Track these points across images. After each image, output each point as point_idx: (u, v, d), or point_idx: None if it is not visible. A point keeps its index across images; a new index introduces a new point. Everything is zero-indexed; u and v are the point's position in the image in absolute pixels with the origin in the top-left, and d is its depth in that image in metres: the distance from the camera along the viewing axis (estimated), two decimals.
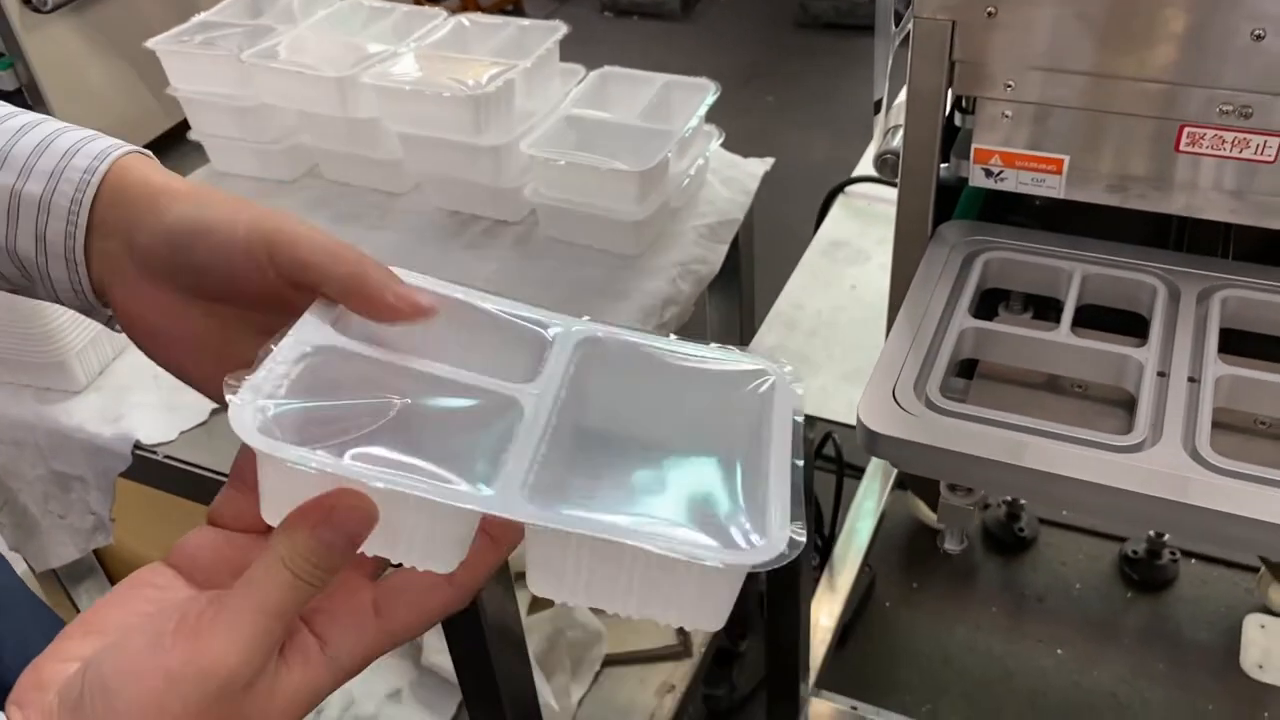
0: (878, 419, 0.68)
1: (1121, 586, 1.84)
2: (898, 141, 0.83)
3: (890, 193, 0.95)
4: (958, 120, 0.81)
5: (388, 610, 0.44)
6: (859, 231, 1.28)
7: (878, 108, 1.07)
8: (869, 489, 1.85)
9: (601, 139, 1.20)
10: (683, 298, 1.18)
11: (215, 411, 1.02)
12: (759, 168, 1.36)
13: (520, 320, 0.51)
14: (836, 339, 1.12)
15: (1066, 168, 0.77)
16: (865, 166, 1.32)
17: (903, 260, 0.86)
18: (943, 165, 0.82)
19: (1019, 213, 0.88)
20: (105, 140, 0.52)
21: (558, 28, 1.30)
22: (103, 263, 0.51)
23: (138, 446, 1.01)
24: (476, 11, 1.45)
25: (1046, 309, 0.83)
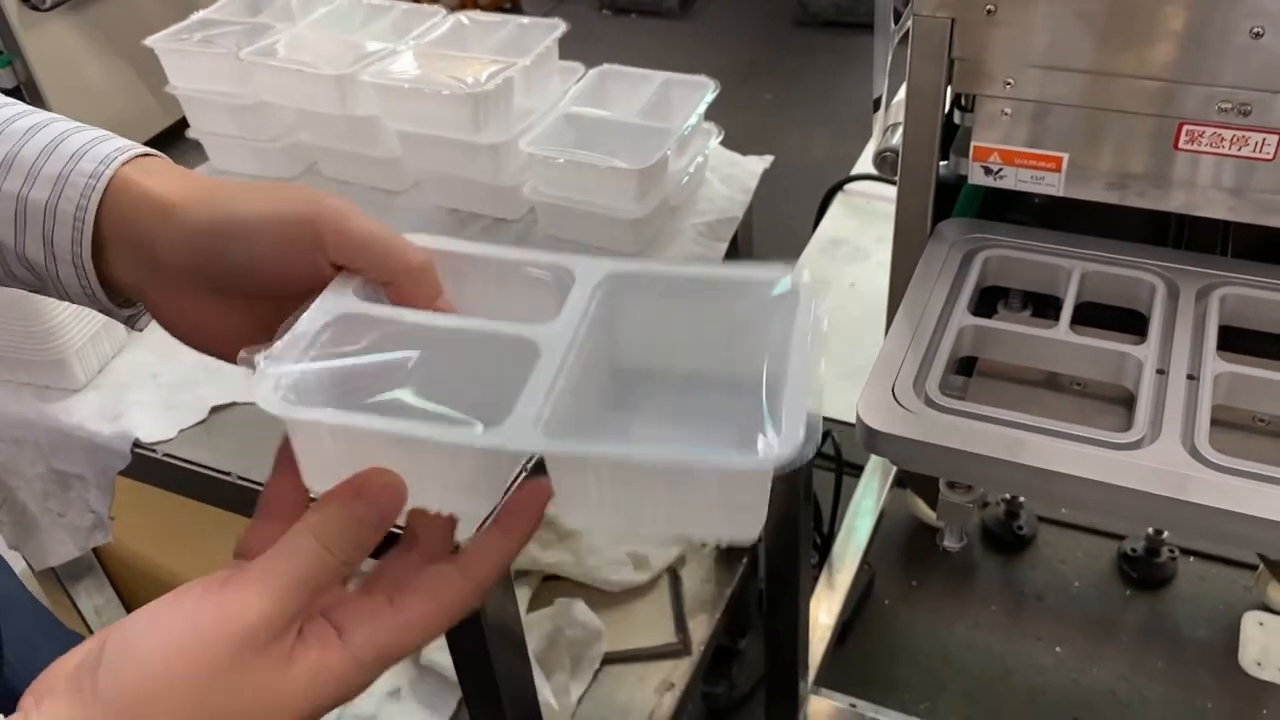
0: (877, 417, 0.68)
1: (1120, 584, 1.84)
2: (897, 139, 0.83)
3: (889, 190, 0.95)
4: (957, 118, 0.81)
5: (400, 600, 0.44)
6: (858, 229, 1.29)
7: (877, 105, 1.07)
8: (868, 487, 1.85)
9: (600, 137, 1.20)
10: None
11: (215, 410, 1.02)
12: (758, 166, 1.36)
13: (544, 267, 0.51)
14: (835, 337, 1.12)
15: (1065, 165, 0.77)
16: (864, 164, 1.32)
17: (902, 258, 0.86)
18: (942, 163, 0.82)
19: (1018, 210, 0.88)
20: (113, 142, 0.51)
21: (557, 25, 1.30)
22: (126, 272, 0.51)
23: (137, 445, 1.01)
24: (475, 9, 1.45)
25: (1045, 306, 0.83)
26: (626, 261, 0.51)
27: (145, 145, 0.53)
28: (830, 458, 1.75)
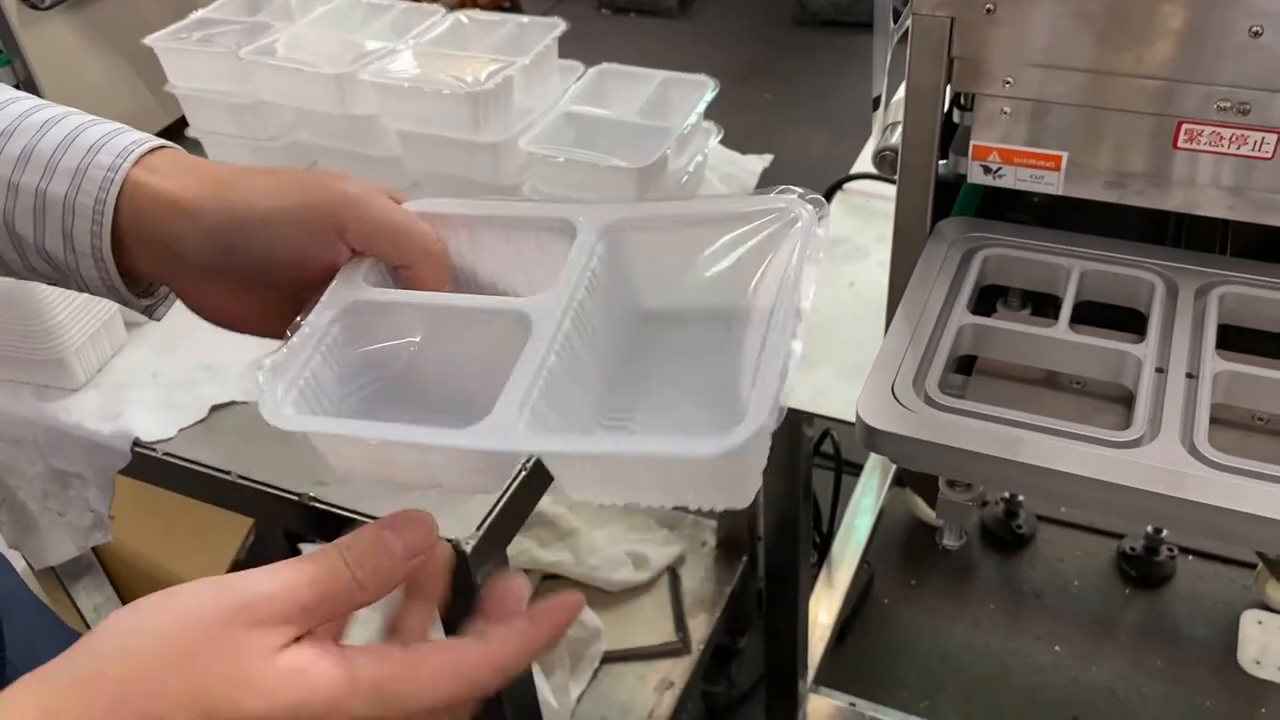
0: (876, 415, 0.68)
1: (1119, 583, 1.84)
2: (896, 138, 0.83)
3: (888, 189, 0.95)
4: (956, 117, 0.81)
5: (414, 647, 0.42)
6: (857, 228, 1.28)
7: (876, 104, 1.07)
8: (867, 486, 1.86)
9: (600, 136, 1.20)
10: None
11: (215, 409, 1.02)
12: (757, 164, 1.37)
13: (548, 222, 0.53)
14: (835, 336, 1.12)
15: (1065, 164, 0.77)
16: (863, 163, 1.32)
17: (901, 257, 0.86)
18: (941, 162, 0.82)
19: (1017, 209, 0.88)
20: (129, 135, 0.51)
21: (556, 24, 1.31)
22: (148, 265, 0.52)
23: (137, 444, 1.01)
24: (474, 8, 1.45)
25: (1045, 305, 0.83)
26: (626, 207, 0.52)
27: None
28: (830, 456, 1.76)
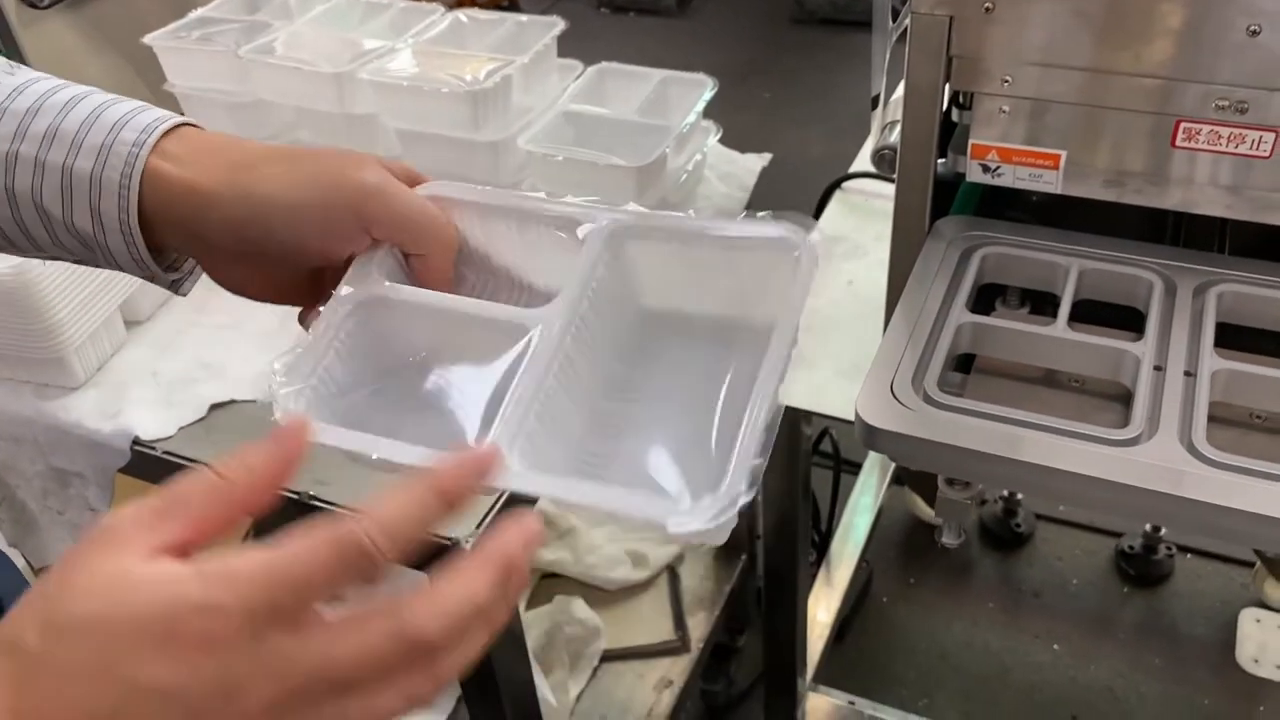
0: (876, 414, 0.68)
1: (1118, 582, 1.84)
2: (895, 137, 0.83)
3: (887, 188, 0.95)
4: (955, 116, 0.81)
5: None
6: (856, 227, 1.28)
7: (875, 103, 1.07)
8: (866, 484, 1.86)
9: (599, 134, 1.20)
10: None
11: (214, 407, 1.02)
12: (756, 163, 1.37)
13: (559, 221, 0.55)
14: (834, 335, 1.12)
15: (1063, 163, 0.77)
16: (862, 162, 1.32)
17: (900, 255, 0.86)
18: (940, 161, 0.82)
19: (1016, 208, 0.88)
20: (151, 113, 0.52)
21: (555, 23, 1.31)
22: (175, 242, 0.52)
23: (136, 442, 1.01)
24: (473, 7, 1.45)
25: (1043, 304, 0.83)
26: (635, 213, 0.54)
27: None
28: (828, 455, 1.76)
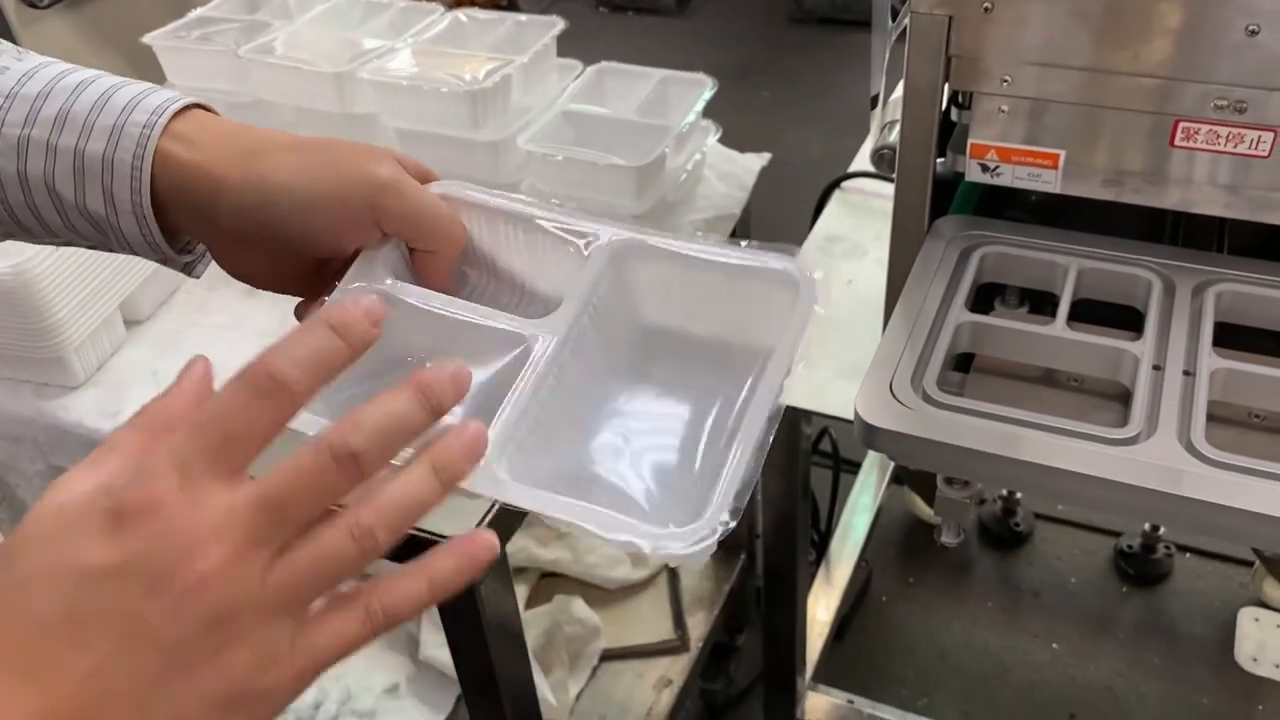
0: (875, 413, 0.69)
1: (1117, 581, 1.84)
2: (894, 137, 0.83)
3: (887, 188, 0.95)
4: (954, 115, 0.81)
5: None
6: (855, 226, 1.29)
7: (874, 103, 1.07)
8: (865, 484, 1.86)
9: (598, 134, 1.20)
10: None
11: None
12: (756, 163, 1.37)
13: (567, 233, 0.55)
14: (833, 334, 1.12)
15: (1062, 163, 0.77)
16: (862, 161, 1.32)
17: (899, 255, 0.86)
18: (939, 160, 0.82)
19: (1015, 207, 0.88)
20: (161, 94, 0.52)
21: (554, 23, 1.31)
22: (187, 224, 0.52)
23: None
24: (472, 7, 1.45)
25: (1042, 303, 0.83)
26: (640, 231, 0.54)
27: None
28: (828, 454, 1.76)
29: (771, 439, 0.46)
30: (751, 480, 0.45)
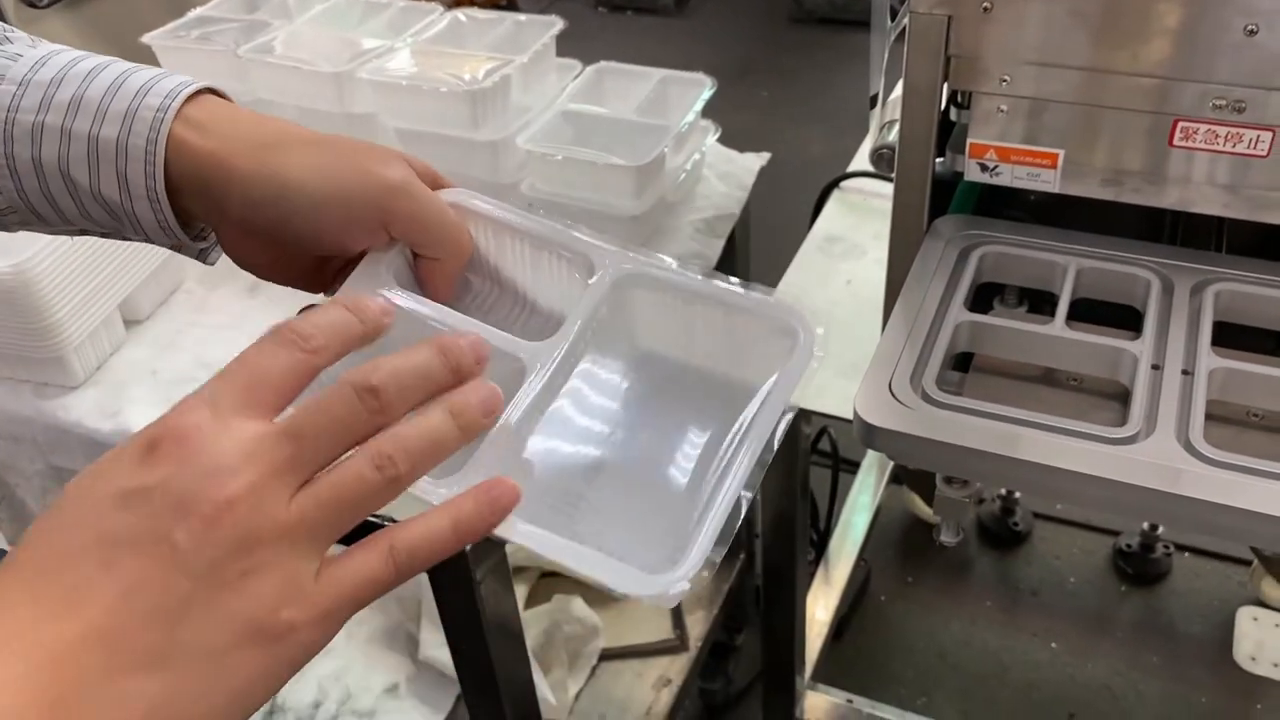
0: (874, 413, 0.69)
1: (1115, 580, 1.84)
2: (893, 136, 0.84)
3: (886, 187, 0.95)
4: (953, 115, 0.81)
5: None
6: (855, 226, 1.29)
7: (873, 103, 1.07)
8: (864, 483, 1.86)
9: (598, 134, 1.21)
10: None
11: None
12: (755, 163, 1.37)
13: (573, 250, 0.55)
14: (832, 334, 1.12)
15: (1061, 162, 0.78)
16: (861, 161, 1.32)
17: (898, 255, 0.86)
18: (938, 160, 0.82)
19: (1014, 207, 0.88)
20: (174, 79, 0.52)
21: (554, 23, 1.31)
22: (198, 209, 0.52)
23: None
24: (472, 7, 1.45)
25: (1041, 303, 0.83)
26: (644, 260, 0.54)
27: None
28: (827, 454, 1.76)
29: (752, 499, 0.46)
30: (736, 523, 0.45)
